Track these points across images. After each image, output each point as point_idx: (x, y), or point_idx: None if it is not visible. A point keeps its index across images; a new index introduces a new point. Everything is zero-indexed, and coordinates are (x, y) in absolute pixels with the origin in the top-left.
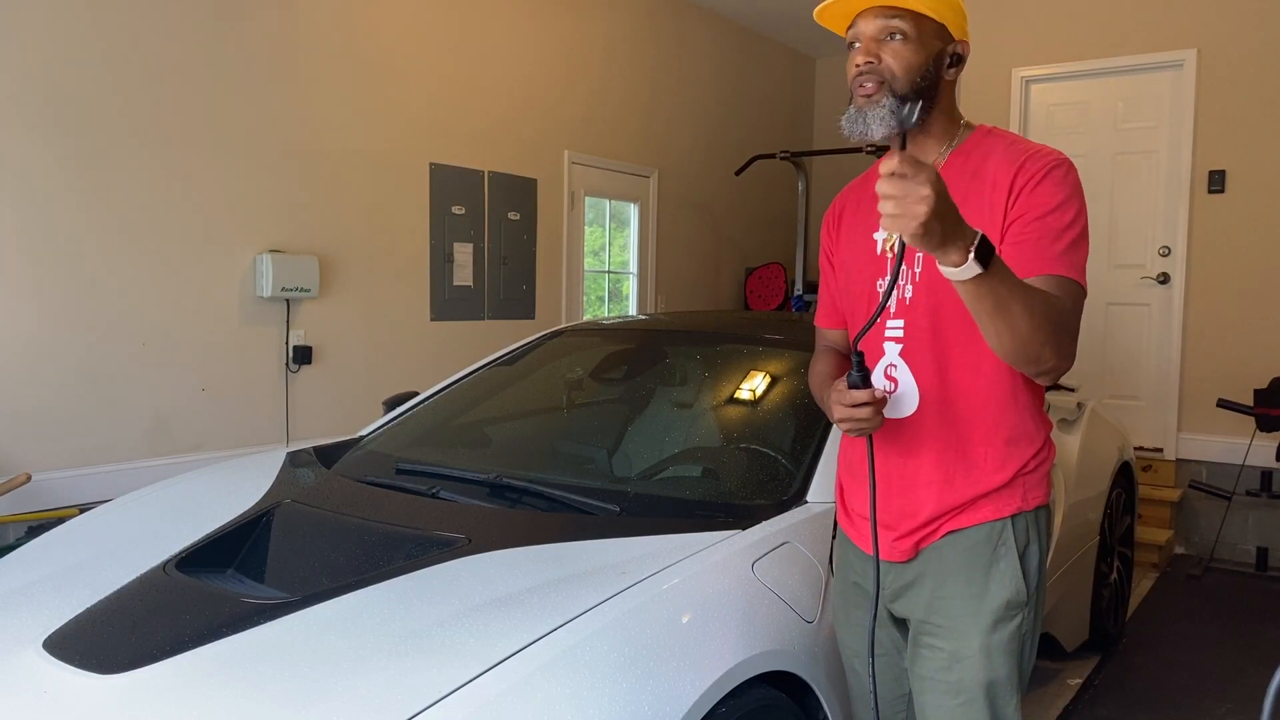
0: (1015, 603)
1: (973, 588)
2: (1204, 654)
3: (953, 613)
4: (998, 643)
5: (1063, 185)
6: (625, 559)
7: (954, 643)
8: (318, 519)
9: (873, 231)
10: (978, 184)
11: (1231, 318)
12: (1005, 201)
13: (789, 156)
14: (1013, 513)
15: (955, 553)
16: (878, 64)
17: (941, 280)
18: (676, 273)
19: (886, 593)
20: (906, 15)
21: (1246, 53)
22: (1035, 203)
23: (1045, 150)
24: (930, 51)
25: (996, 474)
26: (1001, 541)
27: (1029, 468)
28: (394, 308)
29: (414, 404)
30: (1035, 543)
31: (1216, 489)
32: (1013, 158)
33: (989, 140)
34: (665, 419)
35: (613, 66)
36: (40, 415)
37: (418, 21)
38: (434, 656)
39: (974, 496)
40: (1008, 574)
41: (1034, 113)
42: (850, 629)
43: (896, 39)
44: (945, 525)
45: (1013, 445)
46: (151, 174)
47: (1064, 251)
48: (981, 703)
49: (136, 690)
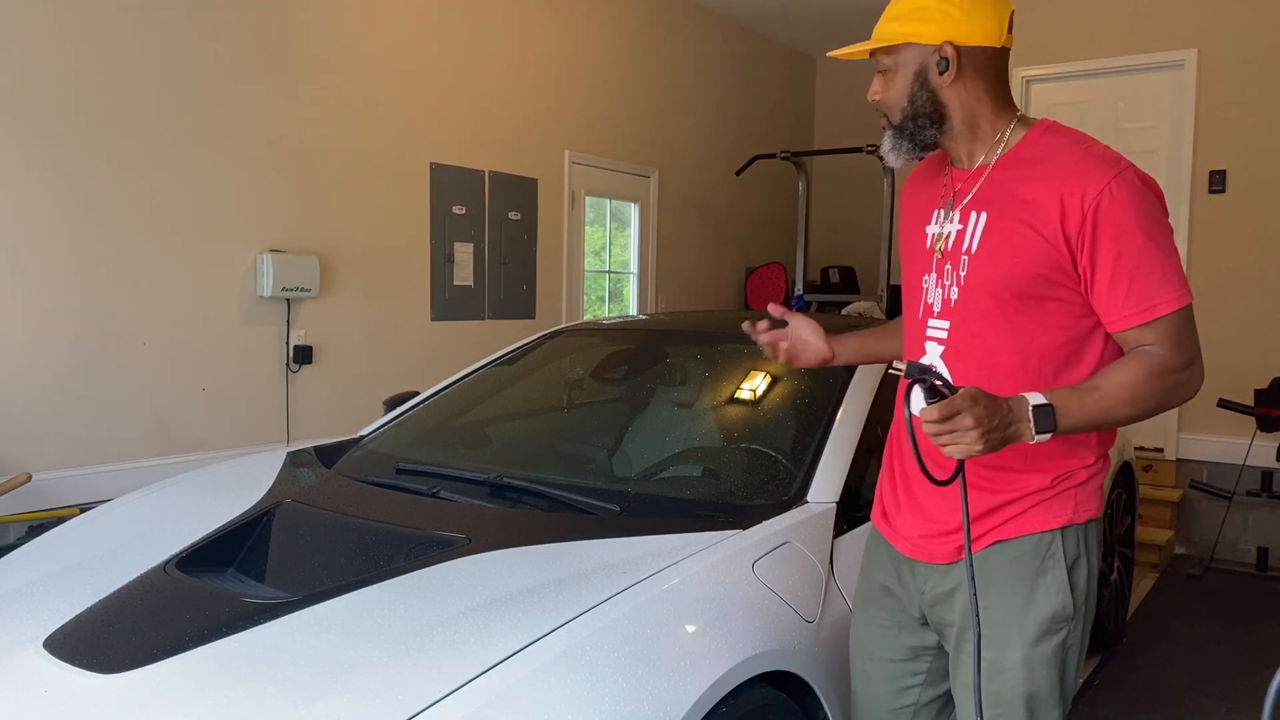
0: (1061, 617)
1: (1017, 599)
2: (1204, 654)
3: (995, 622)
4: (1040, 656)
5: (1124, 208)
6: (625, 559)
7: (995, 652)
8: (318, 519)
9: (925, 225)
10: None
11: (1232, 318)
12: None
13: (789, 156)
14: (1063, 524)
15: (1002, 561)
16: (877, 99)
17: (986, 289)
18: (677, 273)
19: (926, 597)
20: (883, 50)
21: (1247, 53)
22: (1103, 242)
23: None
24: (909, 75)
25: (1038, 480)
26: (1050, 554)
27: (1078, 478)
28: (394, 308)
29: (414, 404)
30: (1085, 556)
31: (1217, 489)
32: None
33: (1044, 143)
34: (665, 419)
35: (613, 66)
36: (41, 415)
37: (418, 22)
38: (434, 656)
39: (1015, 498)
40: (1054, 587)
41: (1035, 112)
42: (870, 630)
43: (886, 74)
44: (993, 534)
45: (1058, 454)
46: (151, 174)
47: (1146, 288)
48: (1021, 715)
49: (137, 690)
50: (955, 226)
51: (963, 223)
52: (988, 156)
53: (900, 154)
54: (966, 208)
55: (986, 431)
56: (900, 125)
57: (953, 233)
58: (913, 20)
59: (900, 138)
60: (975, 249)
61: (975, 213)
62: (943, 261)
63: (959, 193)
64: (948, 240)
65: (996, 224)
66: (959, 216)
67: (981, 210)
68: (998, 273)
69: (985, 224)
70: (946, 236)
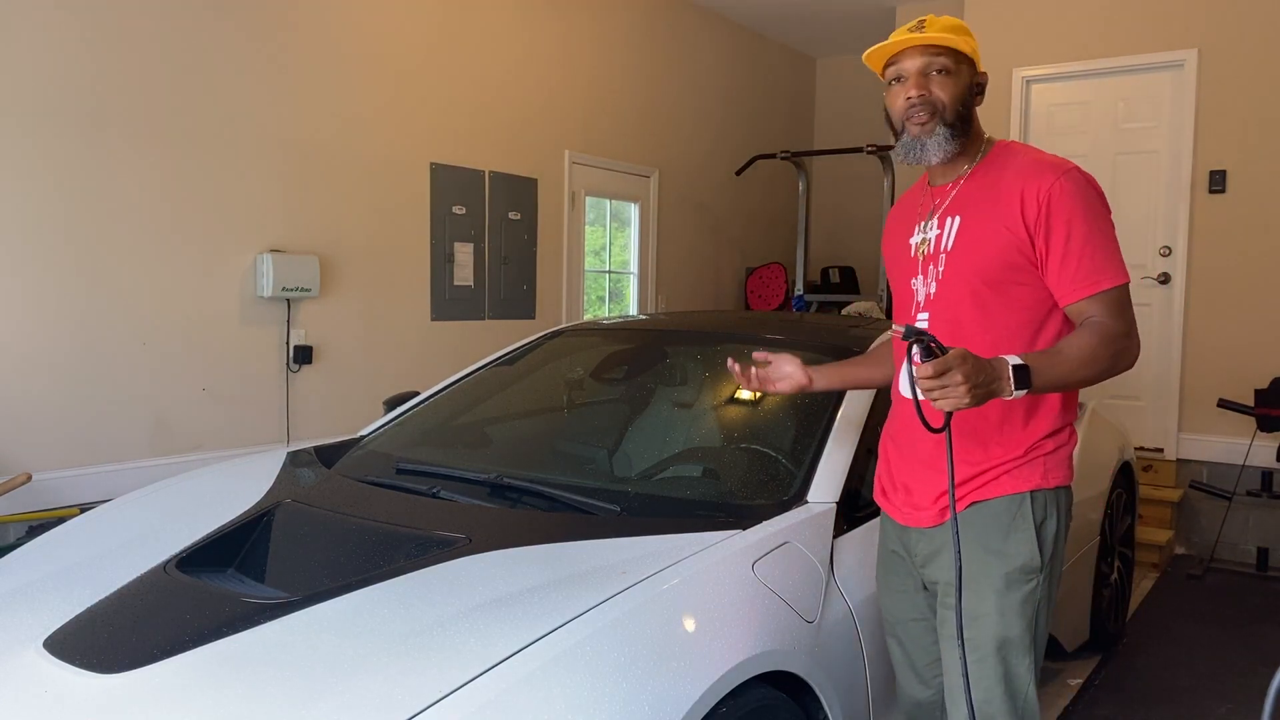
0: (1030, 568)
1: (990, 553)
2: (1204, 654)
3: (972, 574)
4: (1011, 603)
5: (1071, 198)
6: (625, 559)
7: (971, 603)
8: (318, 519)
9: (908, 238)
10: (994, 195)
11: (1232, 317)
12: (1020, 212)
13: (789, 156)
14: (1032, 488)
15: (977, 519)
16: (929, 96)
17: (961, 279)
18: (676, 273)
19: (918, 558)
20: (947, 52)
21: (1247, 53)
22: (1055, 226)
23: (1049, 165)
24: (966, 82)
25: (1011, 450)
26: (1020, 512)
27: (1046, 448)
28: (394, 308)
29: (414, 404)
30: (1053, 518)
31: (1217, 489)
32: (1022, 172)
33: (1004, 155)
34: (665, 419)
35: (613, 66)
36: (41, 415)
37: (419, 21)
38: (434, 656)
39: (988, 467)
40: (1023, 540)
41: (1035, 113)
42: (891, 595)
43: (941, 73)
44: (970, 496)
45: (1029, 425)
46: (152, 174)
47: (1091, 265)
48: (994, 659)
49: (136, 690)
50: (934, 232)
51: (940, 227)
52: (964, 170)
53: (949, 150)
54: (943, 215)
55: (973, 387)
56: (953, 123)
57: (932, 237)
58: (967, 39)
59: (954, 136)
60: (951, 246)
61: (951, 217)
62: (925, 263)
63: (937, 205)
64: (928, 244)
65: (969, 223)
66: (937, 223)
67: (956, 214)
68: (970, 264)
69: (959, 225)
70: (927, 241)
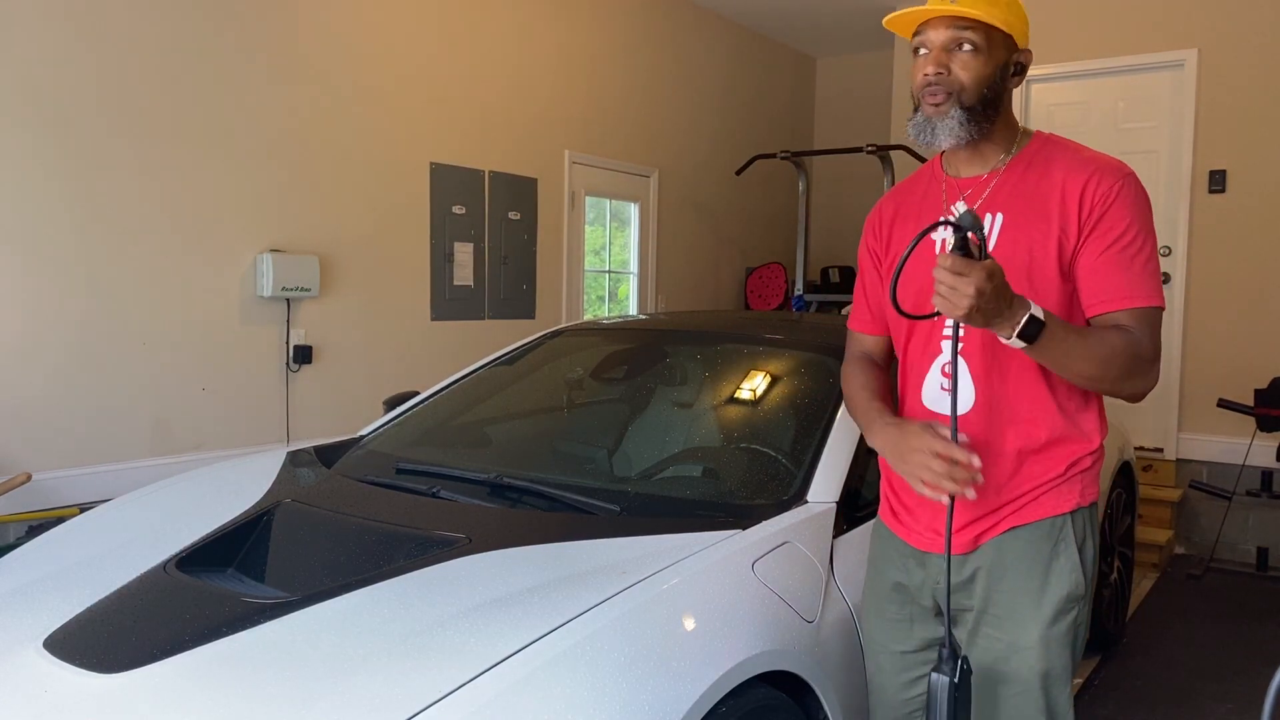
0: (1074, 596)
1: (1033, 581)
2: (1204, 654)
3: (1012, 605)
4: (1056, 635)
5: (1133, 206)
6: (625, 559)
7: (1012, 634)
8: (318, 519)
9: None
10: (1043, 192)
11: (1232, 318)
12: (1077, 213)
13: (789, 156)
14: (1072, 508)
15: (1016, 546)
16: (947, 75)
17: None
18: (676, 273)
19: (940, 587)
20: (977, 26)
21: (1247, 53)
22: (1108, 227)
23: (1110, 164)
24: (998, 62)
25: (1051, 469)
26: (1062, 537)
27: (1084, 464)
28: (394, 307)
29: (414, 404)
30: (1091, 538)
31: (1217, 489)
32: (1080, 169)
33: (1049, 148)
34: (665, 419)
35: (613, 66)
36: (40, 415)
37: (418, 21)
38: (434, 656)
39: (1028, 489)
40: (1067, 568)
41: (1034, 112)
42: (882, 624)
43: (966, 49)
44: (1007, 520)
45: (1068, 442)
46: (151, 174)
47: (1139, 279)
48: (1037, 692)
49: (136, 689)
50: None
51: None
52: (999, 162)
53: (964, 135)
54: (981, 209)
55: (979, 305)
56: (972, 107)
57: None
58: (1008, 11)
59: (971, 120)
60: (992, 248)
61: (990, 214)
62: None
63: (969, 197)
64: None
65: (1016, 220)
66: None
67: (997, 211)
68: (1019, 266)
69: (1002, 224)
70: None
